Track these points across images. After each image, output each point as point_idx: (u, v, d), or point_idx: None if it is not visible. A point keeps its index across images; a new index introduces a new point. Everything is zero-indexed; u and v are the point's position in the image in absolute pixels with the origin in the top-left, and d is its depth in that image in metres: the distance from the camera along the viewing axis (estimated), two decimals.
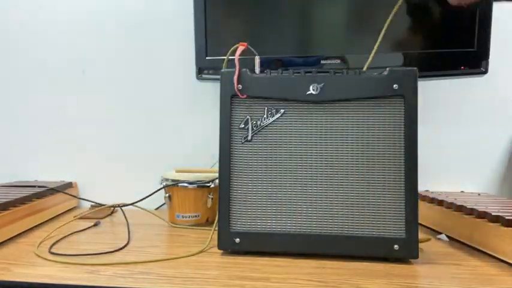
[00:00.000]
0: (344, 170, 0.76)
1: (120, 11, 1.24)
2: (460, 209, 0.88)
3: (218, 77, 0.81)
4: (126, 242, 0.86)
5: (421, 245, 0.84)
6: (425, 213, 0.98)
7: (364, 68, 0.87)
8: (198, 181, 1.01)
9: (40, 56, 1.27)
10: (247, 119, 0.79)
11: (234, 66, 0.79)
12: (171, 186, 1.01)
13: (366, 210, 0.76)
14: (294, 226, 0.77)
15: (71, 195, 1.16)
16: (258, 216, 0.78)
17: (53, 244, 0.84)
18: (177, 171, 1.10)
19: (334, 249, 0.75)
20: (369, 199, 0.76)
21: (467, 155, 1.16)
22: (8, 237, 0.86)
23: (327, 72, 0.77)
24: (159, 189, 1.05)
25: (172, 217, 1.03)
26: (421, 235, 0.77)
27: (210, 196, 1.01)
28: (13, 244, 0.85)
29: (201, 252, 0.80)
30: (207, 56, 1.05)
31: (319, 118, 0.77)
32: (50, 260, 0.75)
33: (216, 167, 0.83)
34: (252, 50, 0.82)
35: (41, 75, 1.28)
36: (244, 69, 0.79)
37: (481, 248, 0.80)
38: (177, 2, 1.20)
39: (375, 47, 0.85)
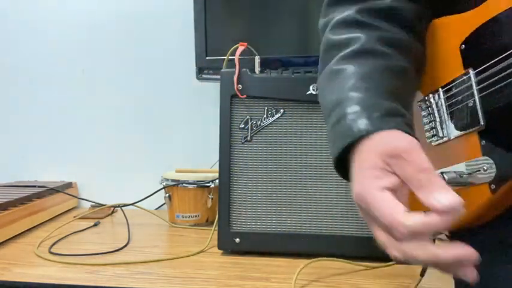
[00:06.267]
0: None
1: (120, 10, 1.24)
2: None
3: (218, 77, 0.81)
4: (126, 242, 0.86)
5: None
6: None
7: None
8: (198, 181, 1.01)
9: (40, 56, 1.27)
10: (247, 119, 0.79)
11: (234, 66, 0.79)
12: (171, 186, 1.01)
13: None
14: (294, 226, 0.77)
15: (71, 195, 1.16)
16: (258, 216, 0.78)
17: (53, 244, 0.84)
18: (177, 171, 1.10)
19: (334, 249, 0.75)
20: None
21: None
22: (8, 237, 0.86)
23: None
24: (159, 190, 1.04)
25: (172, 217, 1.03)
26: None
27: (210, 196, 1.01)
28: (13, 244, 0.85)
29: (201, 252, 0.80)
30: (207, 56, 1.05)
31: (319, 118, 0.77)
32: (50, 260, 0.75)
33: (216, 167, 0.83)
34: (252, 50, 0.82)
35: (40, 75, 1.27)
36: (244, 69, 0.79)
37: None
38: (177, 2, 1.20)
39: None
